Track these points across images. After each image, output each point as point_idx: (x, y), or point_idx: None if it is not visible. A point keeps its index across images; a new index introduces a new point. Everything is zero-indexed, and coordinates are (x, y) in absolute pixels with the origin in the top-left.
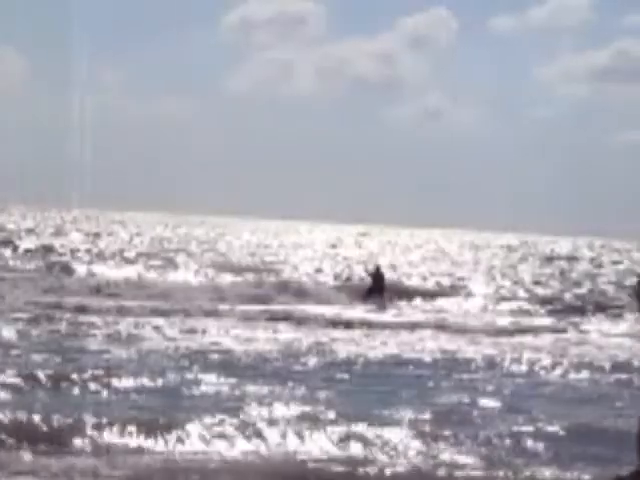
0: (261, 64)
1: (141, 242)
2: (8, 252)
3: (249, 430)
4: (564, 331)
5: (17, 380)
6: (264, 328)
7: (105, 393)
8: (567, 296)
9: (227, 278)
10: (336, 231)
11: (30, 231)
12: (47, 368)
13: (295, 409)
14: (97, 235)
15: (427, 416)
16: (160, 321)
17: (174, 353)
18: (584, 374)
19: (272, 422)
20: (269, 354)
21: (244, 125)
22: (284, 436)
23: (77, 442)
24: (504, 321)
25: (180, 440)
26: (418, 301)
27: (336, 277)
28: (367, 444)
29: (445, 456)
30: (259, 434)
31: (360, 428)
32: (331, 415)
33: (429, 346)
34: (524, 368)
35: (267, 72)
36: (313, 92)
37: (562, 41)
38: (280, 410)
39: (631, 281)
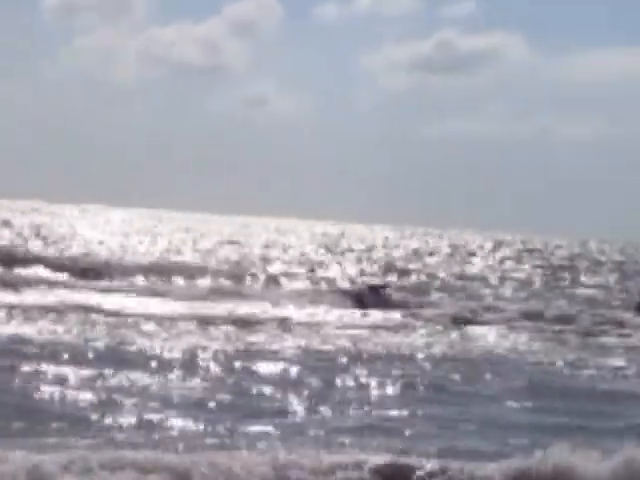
0: (82, 48)
1: None
2: None
3: None
4: None
5: None
6: None
7: None
8: None
9: None
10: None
11: None
12: None
13: None
14: None
15: None
16: None
17: None
18: None
19: None
20: None
21: (61, 110)
22: None
23: None
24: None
25: None
26: None
27: None
28: None
29: None
30: None
31: None
32: None
33: None
34: None
35: (88, 57)
36: (135, 78)
37: (386, 30)
38: None
39: None
